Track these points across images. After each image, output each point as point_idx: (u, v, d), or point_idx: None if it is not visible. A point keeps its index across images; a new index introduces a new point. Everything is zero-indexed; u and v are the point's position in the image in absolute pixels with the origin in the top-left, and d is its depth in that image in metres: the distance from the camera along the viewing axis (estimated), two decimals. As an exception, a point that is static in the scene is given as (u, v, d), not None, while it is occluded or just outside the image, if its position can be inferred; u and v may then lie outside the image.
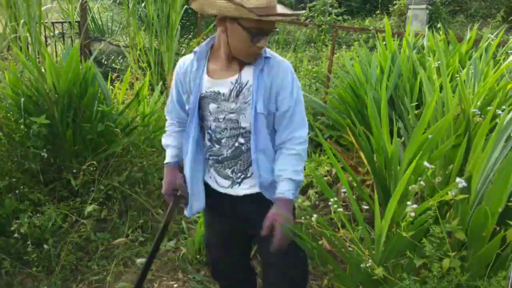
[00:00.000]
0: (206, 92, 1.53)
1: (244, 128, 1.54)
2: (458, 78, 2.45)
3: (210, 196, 1.67)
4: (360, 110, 2.76)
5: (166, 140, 1.73)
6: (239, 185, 1.62)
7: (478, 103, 2.11)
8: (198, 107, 1.57)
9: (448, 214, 1.71)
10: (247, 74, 1.50)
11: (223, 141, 1.57)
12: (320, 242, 1.91)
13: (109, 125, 2.86)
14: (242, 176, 1.61)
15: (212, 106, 1.54)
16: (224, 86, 1.51)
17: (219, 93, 1.51)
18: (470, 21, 10.20)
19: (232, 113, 1.52)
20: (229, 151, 1.57)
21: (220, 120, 1.55)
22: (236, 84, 1.50)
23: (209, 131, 1.59)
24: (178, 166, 1.72)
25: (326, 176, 3.05)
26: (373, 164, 2.17)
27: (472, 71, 2.41)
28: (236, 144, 1.56)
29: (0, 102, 2.85)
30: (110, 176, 2.80)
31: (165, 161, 1.71)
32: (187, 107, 1.60)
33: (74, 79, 2.75)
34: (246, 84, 1.50)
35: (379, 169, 2.10)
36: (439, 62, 2.61)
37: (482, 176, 1.61)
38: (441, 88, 2.43)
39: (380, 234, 1.55)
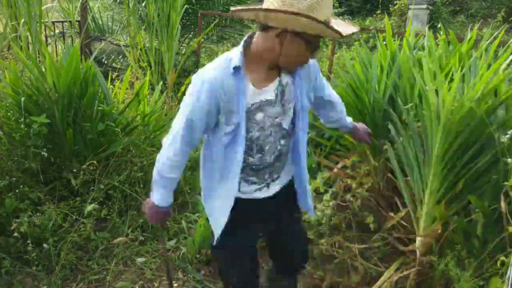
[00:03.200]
0: (253, 103, 1.46)
1: (284, 129, 1.55)
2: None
3: (233, 210, 1.56)
4: (361, 110, 2.76)
5: (171, 172, 1.53)
6: (268, 187, 1.61)
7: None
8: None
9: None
10: (285, 75, 1.50)
11: (266, 147, 1.53)
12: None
13: (109, 125, 2.86)
14: (276, 177, 1.62)
15: (258, 116, 1.48)
16: (269, 93, 1.47)
17: (266, 101, 1.47)
18: (471, 21, 10.20)
19: (276, 117, 1.51)
20: (272, 156, 1.56)
21: (266, 128, 1.50)
22: (279, 88, 1.49)
23: (251, 142, 1.50)
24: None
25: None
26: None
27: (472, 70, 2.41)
28: (279, 147, 1.56)
29: (1, 101, 2.85)
30: (110, 176, 2.80)
31: (162, 204, 1.58)
32: (227, 129, 1.45)
33: (74, 78, 2.75)
34: (286, 85, 1.50)
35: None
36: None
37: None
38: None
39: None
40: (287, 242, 1.81)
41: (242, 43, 1.45)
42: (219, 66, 1.42)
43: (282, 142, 1.56)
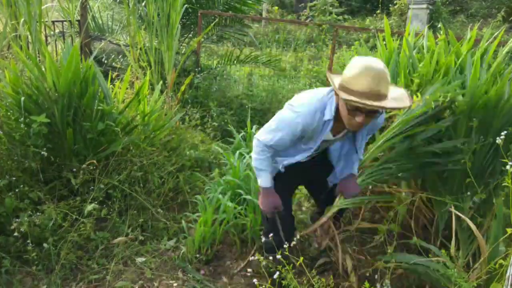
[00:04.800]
0: (325, 140, 1.99)
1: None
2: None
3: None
4: (360, 109, 2.76)
5: (262, 164, 2.03)
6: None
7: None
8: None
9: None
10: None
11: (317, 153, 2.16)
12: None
13: (109, 124, 2.86)
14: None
15: (325, 144, 2.09)
16: (336, 139, 2.04)
17: (332, 141, 2.05)
18: (471, 21, 10.21)
19: (336, 148, 2.21)
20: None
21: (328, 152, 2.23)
22: (347, 134, 2.02)
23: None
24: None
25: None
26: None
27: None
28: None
29: (1, 101, 2.85)
30: (110, 175, 2.80)
31: (267, 185, 2.06)
32: (303, 145, 2.03)
33: (74, 78, 2.75)
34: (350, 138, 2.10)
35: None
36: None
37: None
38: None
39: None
40: (324, 182, 2.29)
41: (331, 96, 1.87)
42: (315, 109, 1.86)
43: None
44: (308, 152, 2.05)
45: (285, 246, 1.76)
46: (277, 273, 1.66)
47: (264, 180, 2.06)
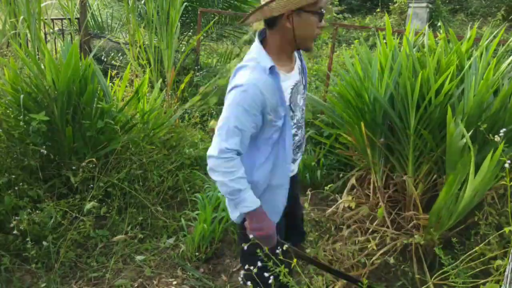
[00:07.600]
0: (291, 89, 1.56)
1: (305, 105, 1.71)
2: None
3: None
4: (361, 108, 2.76)
5: (239, 183, 1.47)
6: (294, 163, 1.70)
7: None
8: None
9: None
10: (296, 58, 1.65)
11: (301, 123, 1.67)
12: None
13: (108, 122, 2.86)
14: (297, 151, 1.71)
15: (298, 98, 1.62)
16: (296, 74, 1.60)
17: (296, 82, 1.58)
18: (471, 19, 10.21)
19: (303, 94, 1.66)
20: (301, 131, 1.69)
21: (302, 107, 1.66)
22: (300, 68, 1.64)
23: (296, 121, 1.63)
24: None
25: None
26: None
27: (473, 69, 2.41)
28: (302, 121, 1.69)
29: (0, 99, 2.85)
30: (109, 173, 2.80)
31: (257, 204, 1.50)
32: (276, 123, 1.50)
33: (73, 76, 2.74)
34: (301, 66, 1.66)
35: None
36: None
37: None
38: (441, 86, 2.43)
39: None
40: (298, 210, 1.95)
41: (258, 46, 1.52)
42: (255, 72, 1.44)
43: (304, 116, 1.71)
44: (287, 123, 1.55)
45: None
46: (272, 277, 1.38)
47: (250, 200, 1.49)
